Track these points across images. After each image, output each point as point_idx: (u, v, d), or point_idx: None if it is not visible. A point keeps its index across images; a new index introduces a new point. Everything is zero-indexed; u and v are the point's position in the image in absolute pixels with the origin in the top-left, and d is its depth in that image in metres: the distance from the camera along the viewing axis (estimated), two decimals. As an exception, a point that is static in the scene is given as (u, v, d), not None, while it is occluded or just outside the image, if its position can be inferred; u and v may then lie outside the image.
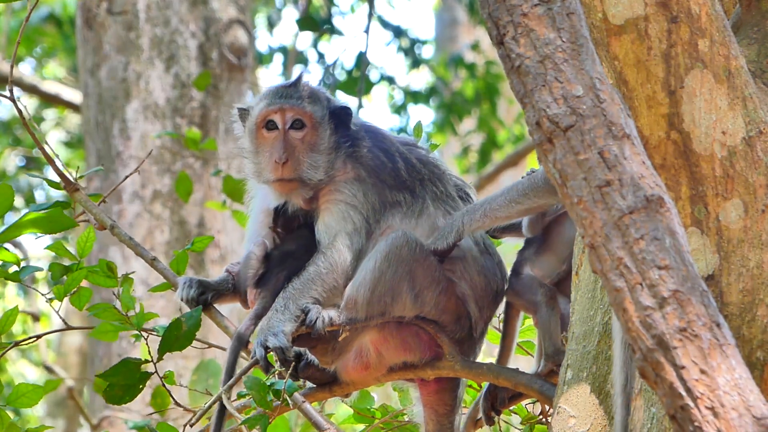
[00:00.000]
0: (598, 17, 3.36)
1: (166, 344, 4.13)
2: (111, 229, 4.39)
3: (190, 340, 4.15)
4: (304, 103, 4.36)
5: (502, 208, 4.18)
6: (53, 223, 4.38)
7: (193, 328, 4.13)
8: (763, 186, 3.35)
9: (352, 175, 4.34)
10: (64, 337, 14.20)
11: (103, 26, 9.02)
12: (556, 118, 2.88)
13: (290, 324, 4.10)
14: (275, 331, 4.06)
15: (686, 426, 2.68)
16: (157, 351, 4.15)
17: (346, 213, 4.28)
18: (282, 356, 4.04)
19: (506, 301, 4.44)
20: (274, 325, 4.08)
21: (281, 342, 4.04)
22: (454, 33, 17.52)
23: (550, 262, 4.36)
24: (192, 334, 4.14)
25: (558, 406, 3.84)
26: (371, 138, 4.42)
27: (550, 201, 4.15)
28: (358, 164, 4.35)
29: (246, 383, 4.01)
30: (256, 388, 3.98)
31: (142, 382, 4.18)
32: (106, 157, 8.81)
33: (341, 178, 4.34)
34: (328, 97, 4.46)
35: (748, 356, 3.28)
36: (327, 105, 4.42)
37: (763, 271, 3.33)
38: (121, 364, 4.16)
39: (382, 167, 4.35)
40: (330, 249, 4.23)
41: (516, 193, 4.17)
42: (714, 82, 3.35)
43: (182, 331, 4.12)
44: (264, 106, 4.37)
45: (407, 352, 4.30)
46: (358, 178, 4.33)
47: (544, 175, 4.11)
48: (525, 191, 4.15)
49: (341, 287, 4.21)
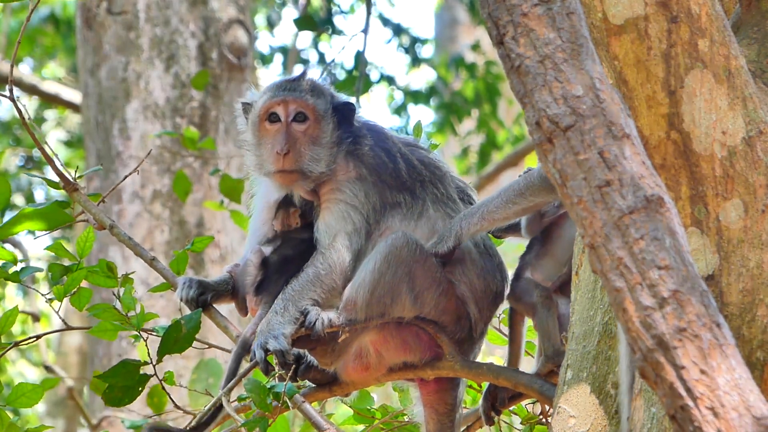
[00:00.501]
0: (598, 17, 3.36)
1: (165, 346, 4.13)
2: (110, 229, 4.39)
3: (189, 343, 4.14)
4: (307, 96, 4.37)
5: (500, 210, 4.18)
6: (51, 219, 4.37)
7: (193, 331, 4.13)
8: (763, 186, 3.35)
9: (354, 174, 4.34)
10: (64, 337, 14.20)
11: (103, 26, 9.02)
12: (556, 118, 2.88)
13: (290, 326, 4.10)
14: (275, 334, 4.06)
15: (686, 426, 2.67)
16: (156, 353, 4.14)
17: (346, 213, 4.28)
18: (282, 359, 4.04)
19: (510, 308, 4.44)
20: (273, 327, 4.08)
21: (281, 345, 4.04)
22: (454, 33, 17.53)
23: (550, 266, 4.36)
24: (191, 337, 4.14)
25: (558, 406, 3.84)
26: (374, 137, 4.42)
27: (547, 199, 4.15)
28: (360, 163, 4.35)
29: (246, 386, 4.01)
30: (255, 390, 3.98)
31: (141, 384, 4.18)
32: (106, 157, 8.81)
33: (343, 176, 4.34)
34: (332, 93, 4.46)
35: (748, 356, 3.28)
36: (330, 100, 4.43)
37: (763, 271, 3.33)
38: (120, 366, 4.15)
39: (383, 167, 4.35)
40: (329, 250, 4.22)
41: (513, 194, 4.17)
42: (714, 82, 3.35)
43: (182, 334, 4.12)
44: (267, 99, 4.38)
45: (407, 353, 4.29)
46: (359, 178, 4.33)
47: (539, 173, 4.12)
48: (521, 191, 4.15)
49: (340, 288, 4.21)
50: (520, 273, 4.40)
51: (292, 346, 4.08)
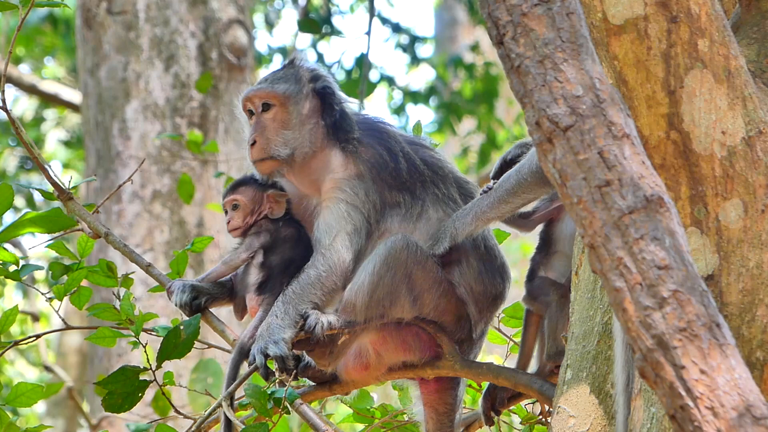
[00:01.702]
0: (597, 17, 3.36)
1: (164, 352, 4.13)
2: (105, 237, 4.40)
3: (188, 348, 4.14)
4: (272, 85, 4.40)
5: (492, 209, 4.18)
6: (52, 223, 4.39)
7: (192, 336, 4.13)
8: (763, 186, 3.35)
9: (354, 171, 4.33)
10: (64, 337, 14.20)
11: (102, 26, 9.02)
12: (556, 118, 2.88)
13: (290, 330, 4.09)
14: (275, 339, 4.05)
15: (686, 426, 2.67)
16: (156, 359, 4.14)
17: (346, 213, 4.27)
18: (282, 365, 4.03)
19: (526, 309, 4.43)
20: (274, 331, 4.07)
21: (281, 351, 4.04)
22: (453, 33, 17.52)
23: (561, 262, 4.35)
24: (191, 342, 4.13)
25: (558, 406, 3.84)
26: (377, 135, 4.41)
27: (539, 193, 4.14)
28: (361, 161, 4.34)
29: (246, 390, 4.01)
30: (255, 395, 3.97)
31: (141, 390, 4.17)
32: (106, 157, 8.81)
33: (343, 174, 4.33)
34: (316, 76, 4.47)
35: (748, 356, 3.28)
36: (308, 82, 4.43)
37: (763, 271, 3.33)
38: (120, 372, 4.15)
39: (384, 166, 4.34)
40: (329, 250, 4.22)
41: (504, 192, 4.16)
42: (714, 82, 3.35)
43: (181, 339, 4.12)
44: (241, 97, 4.44)
45: (407, 352, 4.29)
46: (359, 176, 4.32)
47: (529, 168, 4.11)
48: (513, 189, 4.14)
49: (341, 288, 4.20)
50: (533, 273, 4.40)
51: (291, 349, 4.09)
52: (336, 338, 4.16)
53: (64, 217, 4.39)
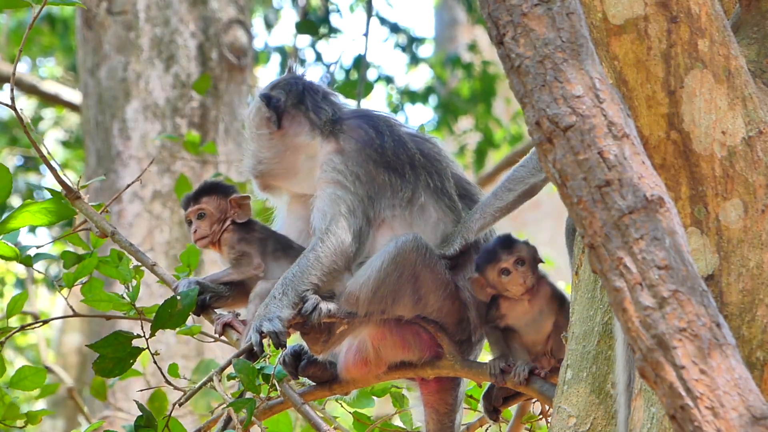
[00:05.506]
0: (598, 17, 3.36)
1: (159, 321, 4.07)
2: (112, 236, 4.39)
3: (184, 319, 4.09)
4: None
5: (497, 199, 4.38)
6: (52, 214, 4.35)
7: (188, 308, 4.07)
8: (763, 186, 3.35)
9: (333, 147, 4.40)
10: (64, 337, 14.20)
11: (102, 26, 9.01)
12: (556, 118, 2.88)
13: (287, 310, 4.09)
14: (271, 317, 4.06)
15: (686, 426, 2.68)
16: (150, 328, 4.12)
17: (335, 195, 4.28)
18: (276, 340, 4.03)
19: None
20: (271, 310, 4.08)
21: (275, 327, 4.03)
22: (453, 33, 17.53)
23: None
24: (186, 314, 4.09)
25: (558, 406, 3.84)
26: (365, 118, 4.45)
27: (541, 176, 4.29)
28: (341, 138, 4.39)
29: (235, 365, 3.97)
30: (244, 371, 3.94)
31: (133, 356, 4.13)
32: (106, 157, 8.81)
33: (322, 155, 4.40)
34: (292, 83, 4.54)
35: (748, 356, 3.28)
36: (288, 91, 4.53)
37: (763, 271, 3.33)
38: (113, 337, 4.10)
39: (366, 139, 4.37)
40: (326, 234, 4.22)
41: (506, 180, 4.36)
42: (714, 82, 3.35)
43: (176, 309, 4.07)
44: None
45: (406, 351, 4.30)
46: (340, 151, 4.38)
47: (530, 157, 4.31)
48: (513, 176, 4.34)
49: (341, 269, 4.20)
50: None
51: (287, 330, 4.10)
52: (334, 327, 4.17)
53: (62, 207, 4.35)
